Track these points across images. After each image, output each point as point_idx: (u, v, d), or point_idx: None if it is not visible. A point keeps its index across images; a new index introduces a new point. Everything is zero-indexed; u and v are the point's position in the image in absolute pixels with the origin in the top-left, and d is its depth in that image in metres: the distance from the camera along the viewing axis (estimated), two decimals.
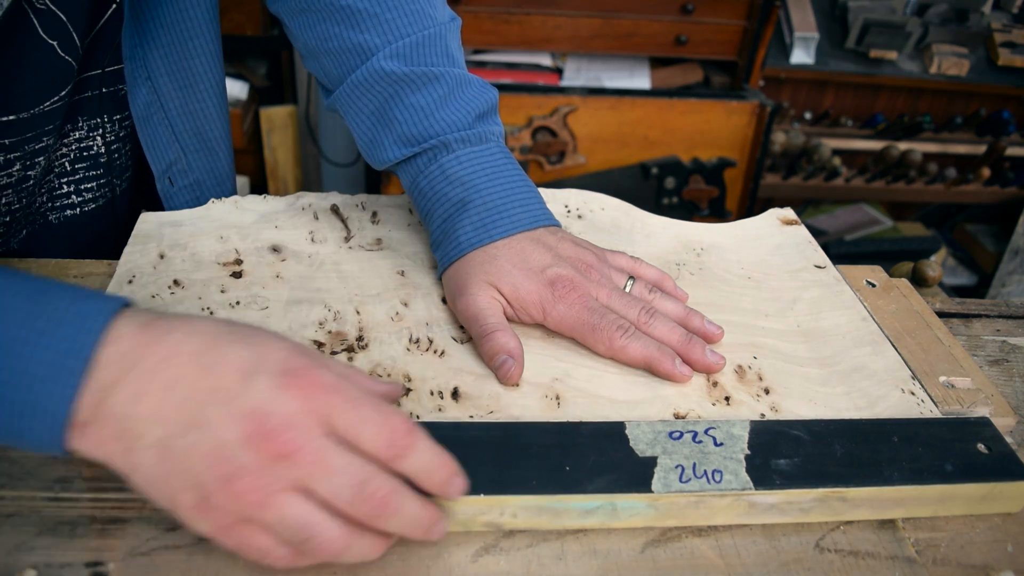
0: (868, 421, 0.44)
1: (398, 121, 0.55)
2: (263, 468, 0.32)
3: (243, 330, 0.36)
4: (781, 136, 1.96)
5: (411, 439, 0.35)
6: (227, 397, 0.33)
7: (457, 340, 0.50)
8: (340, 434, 0.34)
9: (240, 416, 0.33)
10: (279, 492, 0.32)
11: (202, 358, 0.34)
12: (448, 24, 0.57)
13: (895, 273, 0.68)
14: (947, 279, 2.30)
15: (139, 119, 0.60)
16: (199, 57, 0.61)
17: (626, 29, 1.65)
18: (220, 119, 0.65)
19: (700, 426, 0.42)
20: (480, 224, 0.52)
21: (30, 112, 0.52)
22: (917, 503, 0.41)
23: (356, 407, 0.34)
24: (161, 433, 0.33)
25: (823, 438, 0.42)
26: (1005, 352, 0.56)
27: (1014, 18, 2.09)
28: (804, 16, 1.95)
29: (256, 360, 0.34)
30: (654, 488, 0.38)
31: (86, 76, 0.56)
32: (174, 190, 0.64)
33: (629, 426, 0.41)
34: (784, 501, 0.40)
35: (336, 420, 0.34)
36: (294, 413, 0.33)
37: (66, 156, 0.59)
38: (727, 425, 0.42)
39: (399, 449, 0.34)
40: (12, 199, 0.55)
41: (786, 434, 0.42)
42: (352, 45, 0.55)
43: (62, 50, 0.51)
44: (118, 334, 0.33)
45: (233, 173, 0.69)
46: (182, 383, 0.33)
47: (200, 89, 0.62)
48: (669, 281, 0.55)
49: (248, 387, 0.33)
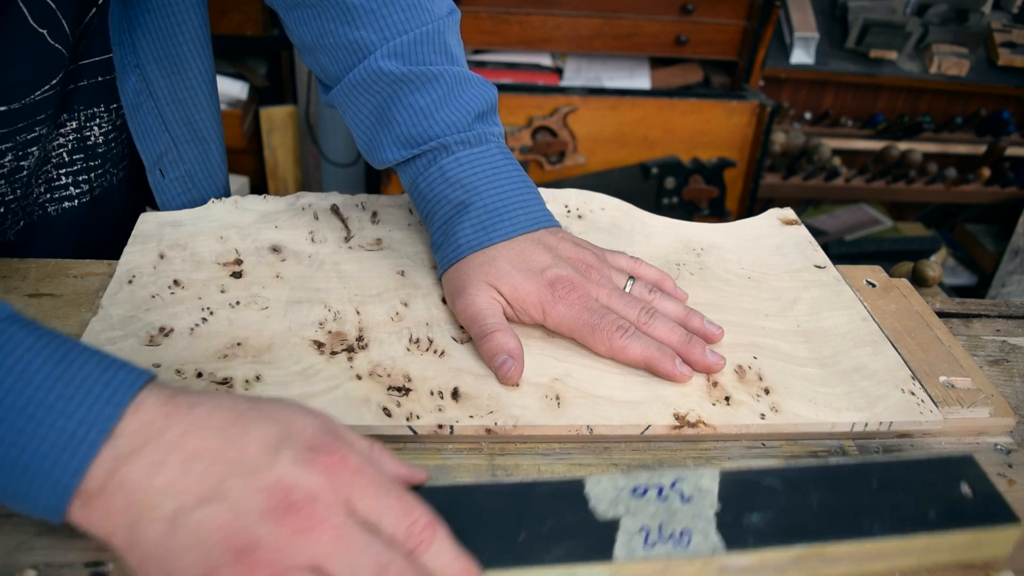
0: (846, 465, 0.40)
1: (397, 122, 0.54)
2: (282, 541, 0.31)
3: (269, 406, 0.35)
4: (781, 136, 1.96)
5: (431, 532, 0.33)
6: (250, 470, 0.32)
7: (457, 340, 0.50)
8: (361, 517, 0.32)
9: (262, 488, 0.31)
10: (296, 569, 0.30)
11: (227, 431, 0.33)
12: (446, 19, 0.56)
13: (895, 273, 0.68)
14: (947, 279, 2.30)
15: (128, 108, 0.59)
16: (187, 44, 0.60)
17: (626, 29, 1.65)
18: (210, 109, 0.64)
19: (666, 478, 0.38)
20: (480, 226, 0.52)
21: (21, 102, 0.51)
22: (900, 555, 0.39)
23: (379, 492, 0.33)
24: (175, 505, 0.31)
25: (798, 487, 0.39)
26: (1005, 352, 0.56)
27: (1014, 18, 2.09)
28: (804, 16, 1.95)
29: (282, 435, 0.33)
30: (617, 555, 0.35)
31: (80, 65, 0.56)
32: (165, 182, 0.63)
33: (589, 483, 0.38)
34: (758, 563, 0.37)
35: (358, 502, 0.33)
36: (319, 488, 0.32)
37: (63, 147, 0.58)
38: (695, 476, 0.39)
39: (418, 542, 0.33)
40: (5, 190, 0.55)
41: (758, 484, 0.39)
42: (349, 42, 0.55)
43: (52, 38, 0.51)
44: (141, 406, 0.32)
45: (225, 165, 0.68)
46: (204, 455, 0.32)
47: (189, 77, 0.61)
48: (669, 281, 0.55)
49: (273, 460, 0.32)
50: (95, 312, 0.49)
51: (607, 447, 0.45)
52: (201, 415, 0.33)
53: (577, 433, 0.45)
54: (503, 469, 0.43)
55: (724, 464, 0.45)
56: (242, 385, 0.45)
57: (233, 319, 0.50)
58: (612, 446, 0.46)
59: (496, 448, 0.45)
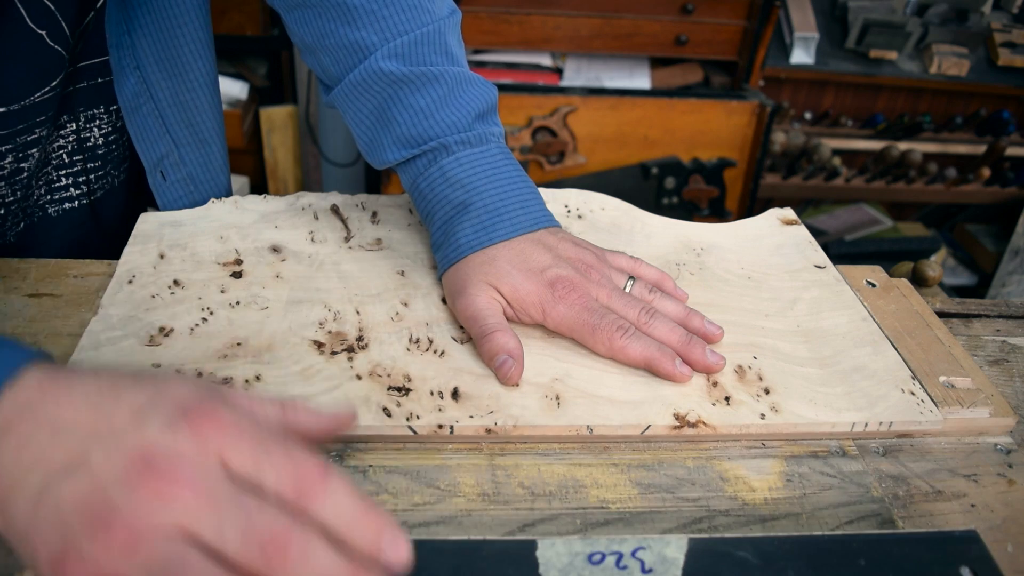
0: (831, 538, 0.37)
1: (397, 122, 0.54)
2: (140, 505, 0.28)
3: (152, 376, 0.32)
4: (781, 136, 1.96)
5: (323, 479, 0.30)
6: (113, 436, 0.30)
7: (457, 340, 0.50)
8: (238, 475, 0.30)
9: (123, 454, 0.29)
10: (156, 534, 0.28)
11: (99, 402, 0.31)
12: (447, 19, 0.56)
13: (895, 273, 0.68)
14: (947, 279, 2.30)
15: (127, 109, 0.59)
16: (188, 45, 0.59)
17: (626, 29, 1.65)
18: (212, 110, 0.64)
19: (627, 546, 0.35)
20: (480, 226, 0.52)
21: (20, 104, 0.51)
22: None
23: (257, 446, 0.30)
24: (39, 480, 0.29)
25: (774, 562, 0.35)
26: (1005, 352, 0.56)
27: (1014, 18, 2.09)
28: (804, 16, 1.95)
29: (152, 400, 0.31)
30: None
31: (80, 66, 0.56)
32: (167, 184, 0.62)
33: (541, 546, 0.35)
34: None
35: (233, 459, 0.30)
36: (186, 449, 0.29)
37: (63, 148, 0.58)
38: (660, 544, 0.35)
39: (308, 492, 0.29)
40: (6, 191, 0.55)
41: (730, 556, 0.35)
42: (349, 43, 0.55)
43: (51, 39, 0.51)
44: (19, 384, 0.31)
45: (227, 166, 0.67)
46: (73, 427, 0.30)
47: (190, 79, 0.61)
48: (669, 281, 0.55)
49: (139, 426, 0.30)
50: (95, 312, 0.49)
51: (607, 447, 0.45)
52: (76, 389, 0.31)
53: (577, 433, 0.45)
54: (503, 469, 0.43)
55: (724, 464, 0.45)
56: (242, 385, 0.45)
57: (233, 319, 0.50)
58: (612, 446, 0.46)
59: (496, 448, 0.45)
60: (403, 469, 0.43)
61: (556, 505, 0.42)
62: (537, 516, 0.41)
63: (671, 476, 0.44)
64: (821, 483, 0.44)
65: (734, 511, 0.42)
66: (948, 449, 0.47)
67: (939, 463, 0.46)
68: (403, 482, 0.42)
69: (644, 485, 0.43)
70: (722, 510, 0.42)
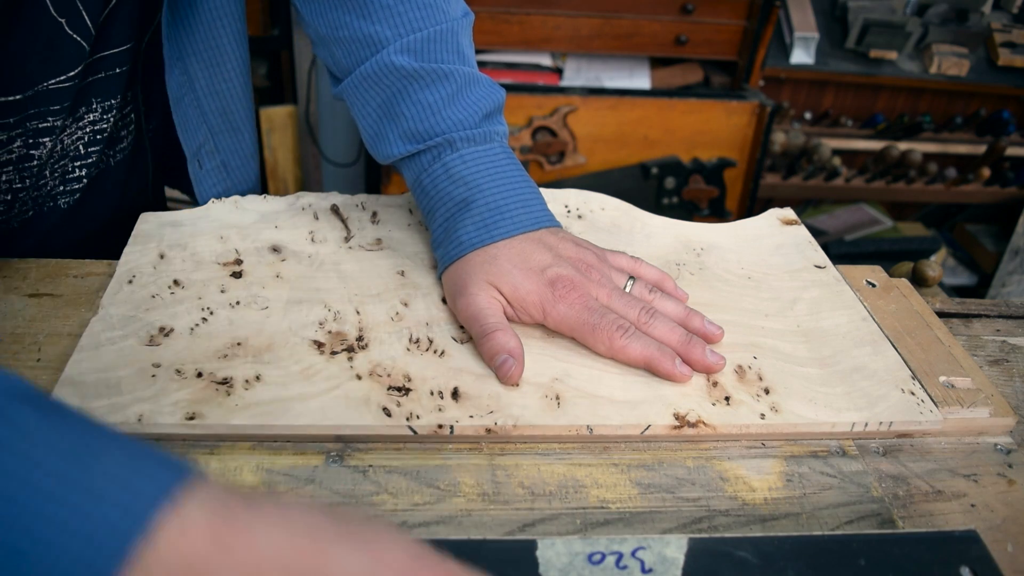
0: (831, 538, 0.37)
1: (405, 117, 0.55)
2: None
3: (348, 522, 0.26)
4: (781, 136, 1.96)
5: None
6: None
7: (457, 340, 0.50)
8: None
9: None
10: None
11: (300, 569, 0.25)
12: (461, 20, 0.57)
13: (895, 273, 0.68)
14: (947, 279, 2.30)
15: (173, 100, 0.60)
16: (227, 36, 0.61)
17: (626, 29, 1.65)
18: (245, 99, 0.65)
19: (627, 546, 0.35)
20: (482, 224, 0.52)
21: (33, 90, 0.51)
22: None
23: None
24: None
25: (774, 562, 0.35)
26: (1005, 352, 0.56)
27: (1014, 18, 2.09)
28: (804, 16, 1.95)
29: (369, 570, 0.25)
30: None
31: (99, 56, 0.56)
32: (203, 172, 0.64)
33: (541, 546, 0.34)
34: None
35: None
36: None
37: (80, 139, 0.58)
38: (660, 544, 0.35)
39: None
40: (13, 177, 0.55)
41: (730, 556, 0.35)
42: (363, 35, 0.55)
43: (70, 28, 0.50)
44: (181, 522, 0.23)
45: (258, 153, 0.69)
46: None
47: (227, 68, 0.62)
48: (669, 281, 0.55)
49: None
50: (95, 312, 0.49)
51: (607, 447, 0.45)
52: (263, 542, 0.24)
53: (577, 433, 0.45)
54: (503, 469, 0.43)
55: (724, 464, 0.45)
56: (242, 385, 0.45)
57: (233, 319, 0.50)
58: (612, 446, 0.46)
59: (496, 448, 0.45)
60: (403, 469, 0.43)
61: (556, 505, 0.42)
62: (537, 516, 0.41)
63: (671, 476, 0.44)
64: (821, 483, 0.44)
65: (734, 511, 0.42)
66: (948, 449, 0.47)
67: (939, 463, 0.46)
68: (403, 482, 0.42)
69: (644, 485, 0.43)
70: (722, 510, 0.42)
